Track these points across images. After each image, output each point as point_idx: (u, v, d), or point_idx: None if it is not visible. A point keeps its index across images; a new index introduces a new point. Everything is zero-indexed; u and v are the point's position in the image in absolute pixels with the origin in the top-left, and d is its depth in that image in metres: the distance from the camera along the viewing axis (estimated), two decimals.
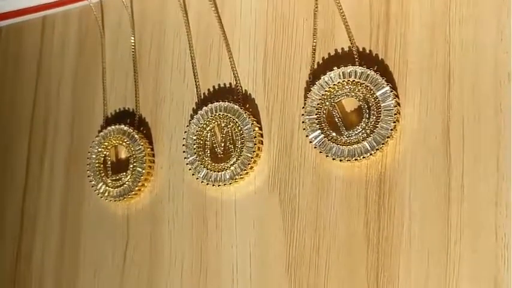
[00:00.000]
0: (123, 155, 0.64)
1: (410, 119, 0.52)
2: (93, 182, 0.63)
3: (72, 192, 0.65)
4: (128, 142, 0.62)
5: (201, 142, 0.58)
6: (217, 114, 0.58)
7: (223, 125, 0.57)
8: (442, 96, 0.51)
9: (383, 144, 0.51)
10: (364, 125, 0.52)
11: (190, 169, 0.58)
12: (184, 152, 0.59)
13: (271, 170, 0.56)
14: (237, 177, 0.56)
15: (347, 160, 0.52)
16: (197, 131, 0.58)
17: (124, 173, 0.62)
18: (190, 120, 0.59)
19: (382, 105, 0.52)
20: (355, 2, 0.55)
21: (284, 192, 0.56)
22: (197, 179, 0.58)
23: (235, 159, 0.57)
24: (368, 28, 0.55)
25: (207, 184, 0.57)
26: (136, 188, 0.61)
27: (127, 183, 0.62)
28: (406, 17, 0.53)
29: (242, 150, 0.56)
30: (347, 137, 0.52)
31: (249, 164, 0.56)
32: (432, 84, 0.51)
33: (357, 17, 0.55)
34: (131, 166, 0.62)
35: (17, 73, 0.72)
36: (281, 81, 0.57)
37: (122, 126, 0.63)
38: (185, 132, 0.59)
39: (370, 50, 0.54)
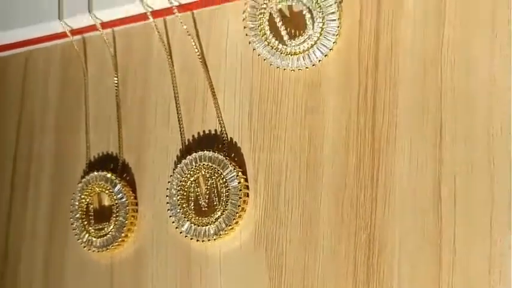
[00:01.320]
0: (106, 202, 0.61)
1: (399, 175, 0.49)
2: (76, 231, 0.61)
3: (56, 240, 0.63)
4: (110, 190, 0.60)
5: (185, 193, 0.56)
6: (201, 164, 0.55)
7: (207, 175, 0.55)
8: (433, 148, 0.49)
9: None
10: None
11: (173, 222, 0.56)
12: (167, 203, 0.56)
13: (257, 224, 0.54)
14: (221, 232, 0.54)
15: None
16: (181, 182, 0.56)
17: (107, 223, 0.60)
18: (174, 169, 0.57)
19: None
20: (343, 46, 0.53)
21: (271, 249, 0.53)
22: (181, 232, 0.56)
23: (220, 213, 0.54)
24: (356, 72, 0.52)
25: (191, 239, 0.55)
26: (120, 239, 0.59)
27: (110, 233, 0.60)
28: (396, 61, 0.51)
29: (227, 204, 0.54)
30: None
31: (234, 219, 0.54)
32: (423, 134, 0.49)
33: (345, 61, 0.52)
34: (114, 215, 0.60)
35: None
36: (267, 129, 0.55)
37: (105, 173, 0.61)
38: (168, 182, 0.57)
39: (358, 96, 0.52)
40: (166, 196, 0.57)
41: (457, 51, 0.49)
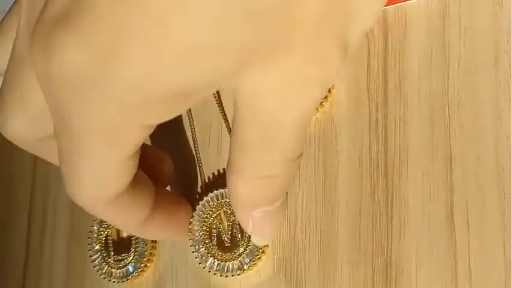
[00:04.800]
0: (124, 233, 0.63)
1: (413, 204, 0.52)
2: (95, 262, 0.63)
3: (74, 273, 0.65)
4: None
5: (207, 229, 0.58)
6: (223, 201, 0.58)
7: (229, 212, 0.57)
8: (444, 180, 0.51)
9: None
10: None
11: (196, 257, 0.58)
12: (190, 239, 0.58)
13: (276, 255, 0.56)
14: (245, 267, 0.56)
15: None
16: (203, 218, 0.58)
17: (126, 254, 0.62)
18: (196, 205, 0.59)
19: None
20: (352, 83, 0.55)
21: (290, 277, 0.56)
22: (204, 268, 0.58)
23: (242, 249, 0.56)
24: (367, 109, 0.55)
25: (214, 274, 0.57)
26: (139, 269, 0.61)
27: (130, 264, 0.61)
28: (405, 98, 0.54)
29: (250, 240, 0.56)
30: None
31: (257, 254, 0.56)
32: (434, 168, 0.52)
33: (355, 99, 0.55)
34: (133, 246, 0.62)
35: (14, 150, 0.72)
36: None
37: None
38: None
39: (369, 132, 0.54)
40: (189, 233, 0.58)
41: (463, 90, 0.52)
